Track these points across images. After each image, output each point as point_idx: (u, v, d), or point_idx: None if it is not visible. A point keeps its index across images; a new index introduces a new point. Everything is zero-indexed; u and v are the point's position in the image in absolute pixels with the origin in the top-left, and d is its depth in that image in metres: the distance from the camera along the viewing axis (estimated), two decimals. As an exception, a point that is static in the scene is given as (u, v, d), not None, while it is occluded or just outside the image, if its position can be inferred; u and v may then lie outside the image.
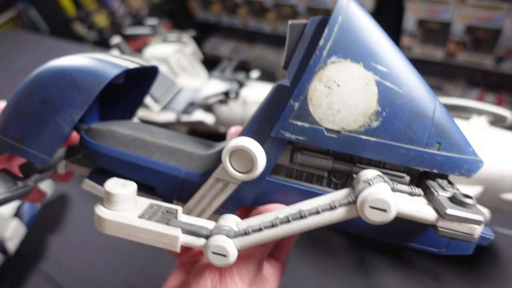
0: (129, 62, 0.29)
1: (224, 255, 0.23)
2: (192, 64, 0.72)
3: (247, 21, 1.68)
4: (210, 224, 0.24)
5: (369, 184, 0.21)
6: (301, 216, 0.22)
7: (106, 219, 0.23)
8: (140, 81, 0.34)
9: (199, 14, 1.82)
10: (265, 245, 0.26)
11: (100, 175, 0.31)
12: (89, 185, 0.31)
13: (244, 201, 0.27)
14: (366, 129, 0.23)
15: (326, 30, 0.22)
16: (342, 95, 0.23)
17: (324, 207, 0.22)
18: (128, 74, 0.28)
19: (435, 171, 0.23)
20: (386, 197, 0.20)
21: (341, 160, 0.25)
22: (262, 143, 0.25)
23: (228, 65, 0.61)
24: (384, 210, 0.20)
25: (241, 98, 0.53)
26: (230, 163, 0.25)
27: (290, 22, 0.24)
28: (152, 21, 0.73)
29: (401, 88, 0.23)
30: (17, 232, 0.58)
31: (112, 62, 0.28)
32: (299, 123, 0.23)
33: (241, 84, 0.53)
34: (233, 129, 0.33)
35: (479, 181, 0.40)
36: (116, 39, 0.62)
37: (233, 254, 0.23)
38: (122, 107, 0.35)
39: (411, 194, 0.22)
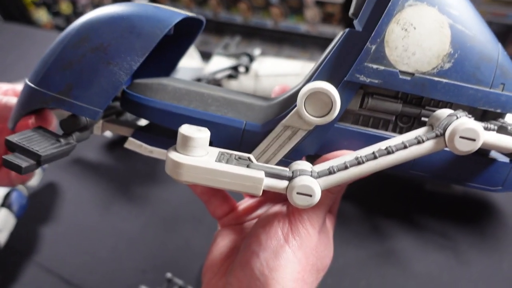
0: (183, 11, 0.28)
1: (310, 195, 0.23)
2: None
3: (218, 11, 1.67)
4: (285, 169, 0.24)
5: (457, 117, 0.22)
6: (388, 151, 0.22)
7: (184, 164, 0.22)
8: (182, 35, 0.32)
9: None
10: (333, 191, 0.26)
11: (146, 132, 0.29)
12: (133, 144, 0.29)
13: (309, 150, 0.27)
14: (439, 71, 0.24)
15: None
16: (418, 38, 0.24)
17: (411, 142, 0.22)
18: (175, 26, 0.27)
19: (498, 110, 0.25)
20: (476, 127, 0.21)
21: (410, 104, 0.26)
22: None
23: (230, 42, 0.61)
24: (473, 140, 0.21)
25: (252, 72, 0.52)
26: (305, 108, 0.25)
27: None
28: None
29: (471, 31, 0.24)
30: (7, 223, 0.53)
31: (169, 9, 0.27)
32: (375, 66, 0.24)
33: (251, 58, 0.53)
34: (278, 88, 0.33)
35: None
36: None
37: (318, 194, 0.23)
38: (159, 64, 0.34)
39: (486, 128, 0.23)
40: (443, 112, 0.24)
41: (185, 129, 0.23)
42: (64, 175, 0.64)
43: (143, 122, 0.33)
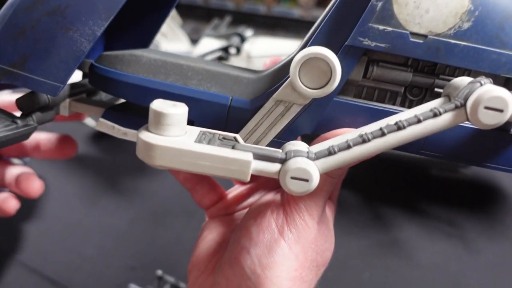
0: None
1: (307, 180, 0.19)
2: (172, 28, 0.67)
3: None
4: (278, 150, 0.21)
5: (480, 84, 0.18)
6: (399, 127, 0.19)
7: (157, 145, 0.19)
8: (157, 3, 0.29)
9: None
10: (333, 175, 0.23)
11: (118, 112, 0.26)
12: (104, 125, 0.26)
13: (305, 129, 0.24)
14: (456, 32, 0.21)
15: None
16: (432, -9, 0.20)
17: (426, 115, 0.19)
18: None
19: None
20: (504, 95, 0.18)
21: (421, 72, 0.23)
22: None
23: (220, 23, 0.57)
24: (501, 110, 0.18)
25: (244, 53, 0.49)
26: (299, 78, 0.21)
27: None
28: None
29: None
30: (-15, 220, 0.49)
31: None
32: (381, 27, 0.21)
33: (242, 39, 0.49)
34: (268, 61, 0.29)
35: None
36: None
37: (316, 178, 0.19)
38: (134, 34, 0.30)
39: None
40: (463, 80, 0.20)
41: (158, 105, 0.19)
42: (47, 168, 0.61)
43: (121, 102, 0.30)
